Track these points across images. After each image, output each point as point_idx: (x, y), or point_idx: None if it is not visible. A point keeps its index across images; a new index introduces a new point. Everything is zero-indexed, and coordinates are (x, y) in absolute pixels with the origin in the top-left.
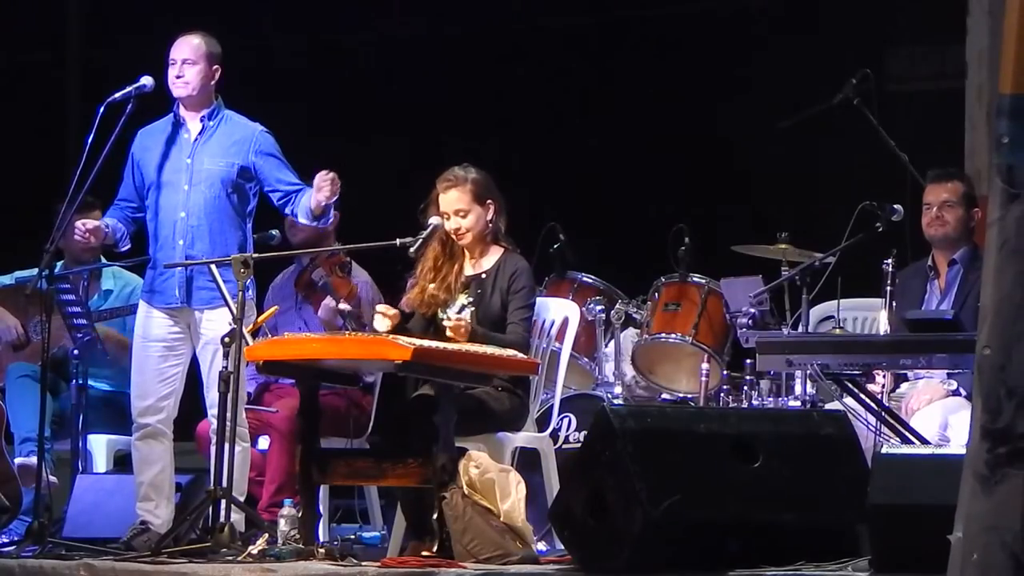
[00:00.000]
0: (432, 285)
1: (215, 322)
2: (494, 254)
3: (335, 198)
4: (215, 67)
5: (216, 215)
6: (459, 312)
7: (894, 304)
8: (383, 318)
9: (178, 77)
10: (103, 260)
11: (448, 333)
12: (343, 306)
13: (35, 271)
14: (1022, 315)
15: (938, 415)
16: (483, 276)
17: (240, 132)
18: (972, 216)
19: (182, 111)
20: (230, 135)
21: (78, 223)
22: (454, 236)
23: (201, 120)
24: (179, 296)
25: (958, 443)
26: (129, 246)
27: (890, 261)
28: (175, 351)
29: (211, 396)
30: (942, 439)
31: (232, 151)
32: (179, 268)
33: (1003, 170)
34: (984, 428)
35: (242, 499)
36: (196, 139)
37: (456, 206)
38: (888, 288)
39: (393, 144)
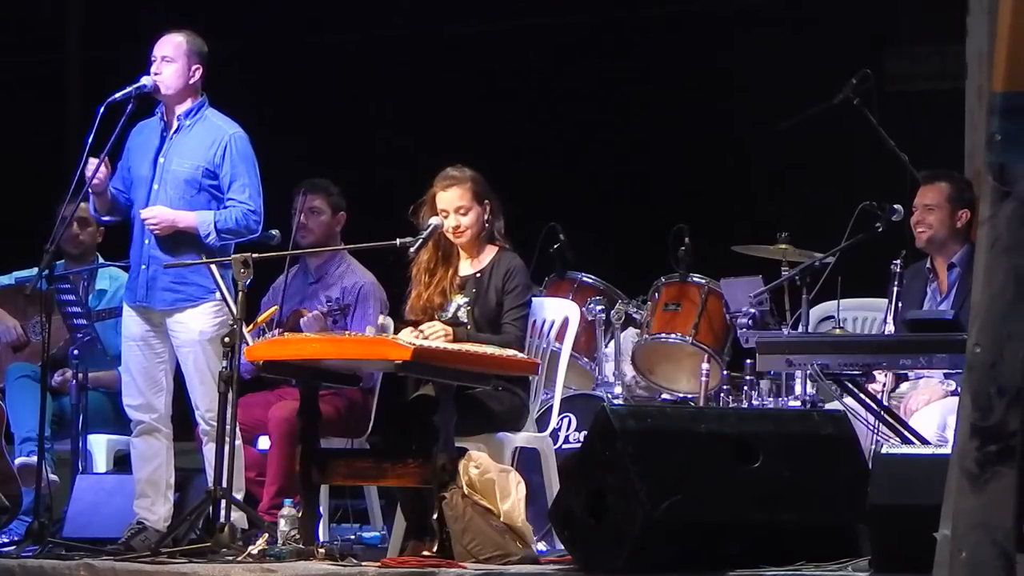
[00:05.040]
0: (428, 290)
1: (184, 323)
2: (489, 252)
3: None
4: (195, 66)
5: None
6: (452, 315)
7: (898, 305)
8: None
9: (155, 75)
10: (100, 260)
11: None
12: (317, 312)
13: (35, 271)
14: (1013, 313)
15: (937, 415)
16: (478, 275)
17: (212, 134)
18: (958, 217)
19: (164, 109)
20: (202, 136)
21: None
22: (452, 234)
23: (178, 119)
24: (141, 295)
25: None
26: (117, 219)
27: (899, 262)
28: (154, 349)
29: (196, 397)
30: (941, 439)
31: (200, 153)
32: (143, 268)
33: (995, 168)
34: (974, 426)
35: (240, 496)
36: (171, 138)
37: (457, 203)
38: (895, 288)
39: (393, 144)
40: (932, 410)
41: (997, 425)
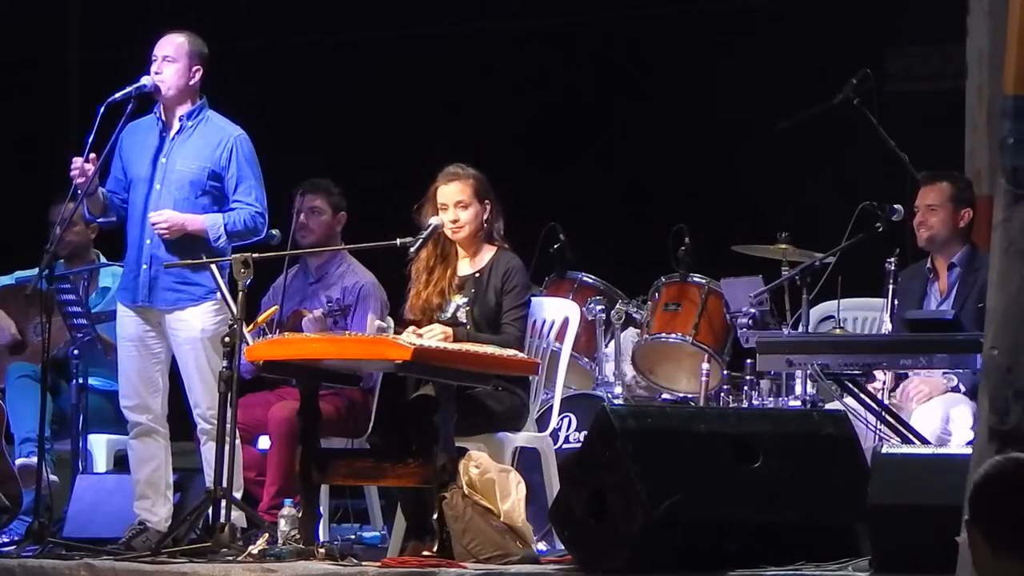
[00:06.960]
0: (426, 289)
1: (185, 321)
2: (488, 252)
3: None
4: (196, 67)
5: None
6: (451, 315)
7: (895, 303)
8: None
9: (156, 74)
10: (102, 259)
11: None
12: (317, 313)
13: (35, 271)
14: None
15: (939, 410)
16: (477, 275)
17: (216, 135)
18: (960, 217)
19: (163, 109)
20: (206, 137)
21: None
22: (451, 229)
23: (180, 119)
24: (143, 295)
25: (959, 439)
26: (112, 220)
27: (893, 260)
28: (151, 349)
29: (194, 396)
30: (944, 433)
31: (205, 154)
32: (144, 267)
33: (1008, 172)
34: (992, 429)
35: (239, 495)
36: (172, 138)
37: (458, 197)
38: (891, 287)
39: (393, 143)
40: (934, 406)
41: (1014, 428)
